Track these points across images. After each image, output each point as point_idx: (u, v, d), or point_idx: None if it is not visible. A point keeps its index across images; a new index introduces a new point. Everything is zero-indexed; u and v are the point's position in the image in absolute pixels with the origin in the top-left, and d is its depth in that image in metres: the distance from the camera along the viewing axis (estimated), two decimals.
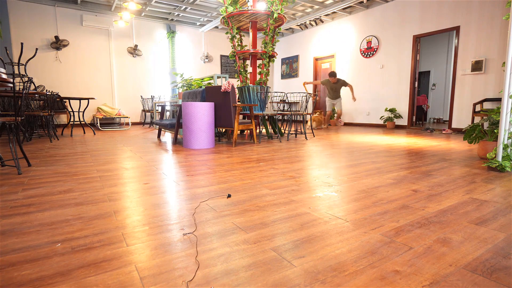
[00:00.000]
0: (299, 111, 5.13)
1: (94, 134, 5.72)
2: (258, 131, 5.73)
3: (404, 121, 7.11)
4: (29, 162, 2.62)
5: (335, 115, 7.68)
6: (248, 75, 5.11)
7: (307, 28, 9.52)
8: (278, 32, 5.09)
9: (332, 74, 6.93)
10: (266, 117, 5.17)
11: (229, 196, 1.40)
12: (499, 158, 2.38)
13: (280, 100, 6.31)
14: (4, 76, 2.23)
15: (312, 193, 1.76)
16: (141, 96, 8.25)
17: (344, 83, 7.04)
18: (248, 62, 6.89)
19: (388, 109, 7.20)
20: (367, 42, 7.75)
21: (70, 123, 7.47)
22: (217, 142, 4.42)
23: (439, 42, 9.54)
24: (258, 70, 9.09)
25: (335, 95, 7.23)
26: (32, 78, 2.74)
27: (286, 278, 0.88)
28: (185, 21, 8.89)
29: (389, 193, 1.76)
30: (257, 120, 5.11)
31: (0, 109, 4.80)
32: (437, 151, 3.50)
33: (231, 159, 2.95)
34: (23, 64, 5.22)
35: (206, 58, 9.60)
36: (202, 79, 5.47)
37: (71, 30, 7.45)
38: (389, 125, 7.19)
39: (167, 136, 5.24)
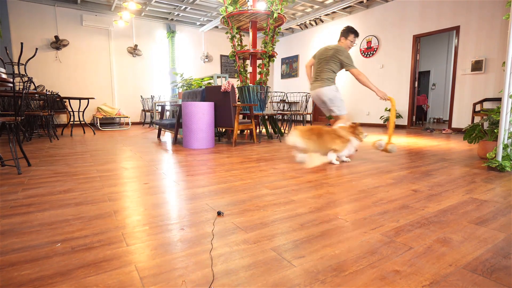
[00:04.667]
0: (299, 111, 5.13)
1: (94, 134, 5.72)
2: (258, 131, 5.73)
3: (404, 121, 7.11)
4: (29, 162, 2.62)
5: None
6: (248, 75, 5.10)
7: (307, 28, 9.52)
8: (278, 32, 5.09)
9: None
10: (266, 117, 5.17)
11: (219, 213, 1.39)
12: (499, 158, 2.38)
13: (280, 100, 6.31)
14: (4, 76, 2.23)
15: (312, 193, 1.76)
16: (141, 96, 8.25)
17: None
18: (248, 62, 6.89)
19: (388, 109, 7.20)
20: (367, 42, 7.74)
21: (70, 123, 7.46)
22: (217, 142, 4.42)
23: (439, 42, 9.53)
24: (258, 70, 9.08)
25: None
26: (32, 78, 2.74)
27: (286, 278, 0.88)
28: (185, 21, 8.89)
29: (389, 193, 1.76)
30: (257, 120, 5.11)
31: (0, 109, 4.80)
32: (437, 151, 3.50)
33: (231, 159, 2.95)
34: (23, 64, 5.21)
35: (206, 58, 9.60)
36: (202, 79, 5.47)
37: (71, 30, 7.45)
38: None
39: (167, 136, 5.23)
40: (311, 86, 3.35)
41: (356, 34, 3.28)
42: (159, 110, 6.73)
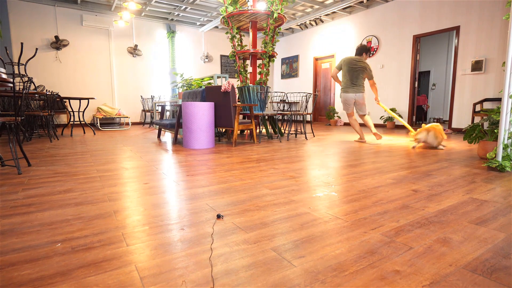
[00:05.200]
0: (299, 111, 5.13)
1: (94, 134, 5.72)
2: (258, 131, 5.73)
3: (404, 121, 7.11)
4: (29, 162, 2.62)
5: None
6: (248, 75, 5.11)
7: (307, 28, 9.52)
8: (278, 32, 5.09)
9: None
10: (266, 117, 5.17)
11: (219, 216, 1.36)
12: (499, 158, 2.38)
13: (280, 100, 6.31)
14: (4, 76, 2.23)
15: (312, 193, 1.76)
16: (141, 96, 8.25)
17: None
18: (248, 62, 6.87)
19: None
20: (367, 42, 7.74)
21: (70, 123, 7.47)
22: (217, 142, 4.42)
23: (439, 42, 9.53)
24: (258, 70, 9.10)
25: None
26: (32, 78, 2.74)
27: (286, 278, 0.88)
28: (185, 21, 8.89)
29: (389, 193, 1.76)
30: (257, 120, 5.11)
31: (0, 109, 4.80)
32: (437, 151, 3.50)
33: (231, 159, 2.95)
34: (23, 64, 5.21)
35: (206, 58, 9.60)
36: (202, 79, 5.47)
37: (71, 30, 7.45)
38: (389, 125, 7.19)
39: (167, 136, 5.24)
40: (347, 89, 4.31)
41: (369, 52, 4.42)
42: (159, 110, 6.73)
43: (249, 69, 5.09)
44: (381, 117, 7.39)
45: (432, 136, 3.68)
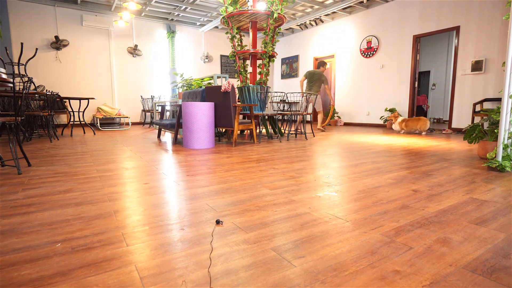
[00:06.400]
0: (299, 111, 5.13)
1: (94, 134, 5.72)
2: (258, 131, 5.73)
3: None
4: (29, 162, 2.62)
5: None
6: (248, 75, 5.11)
7: (307, 28, 9.52)
8: (278, 32, 5.09)
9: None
10: (266, 117, 5.17)
11: (218, 222, 1.33)
12: (499, 158, 2.38)
13: (280, 100, 6.31)
14: (4, 76, 2.23)
15: (312, 193, 1.76)
16: (141, 96, 8.25)
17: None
18: (248, 62, 6.86)
19: (388, 109, 7.20)
20: (367, 42, 7.74)
21: (70, 123, 7.47)
22: (217, 142, 4.42)
23: (439, 42, 9.54)
24: (258, 70, 9.09)
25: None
26: (32, 78, 2.75)
27: (286, 278, 0.88)
28: (185, 21, 8.89)
29: (389, 193, 1.76)
30: (257, 120, 5.11)
31: (0, 109, 4.80)
32: (437, 151, 3.50)
33: (231, 159, 2.95)
34: (23, 64, 5.21)
35: (206, 58, 9.60)
36: (202, 79, 5.47)
37: (71, 30, 7.45)
38: (389, 125, 7.19)
39: (167, 136, 5.24)
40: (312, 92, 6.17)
41: (325, 64, 6.46)
42: (159, 110, 6.73)
43: (249, 69, 5.09)
44: (381, 117, 7.40)
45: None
